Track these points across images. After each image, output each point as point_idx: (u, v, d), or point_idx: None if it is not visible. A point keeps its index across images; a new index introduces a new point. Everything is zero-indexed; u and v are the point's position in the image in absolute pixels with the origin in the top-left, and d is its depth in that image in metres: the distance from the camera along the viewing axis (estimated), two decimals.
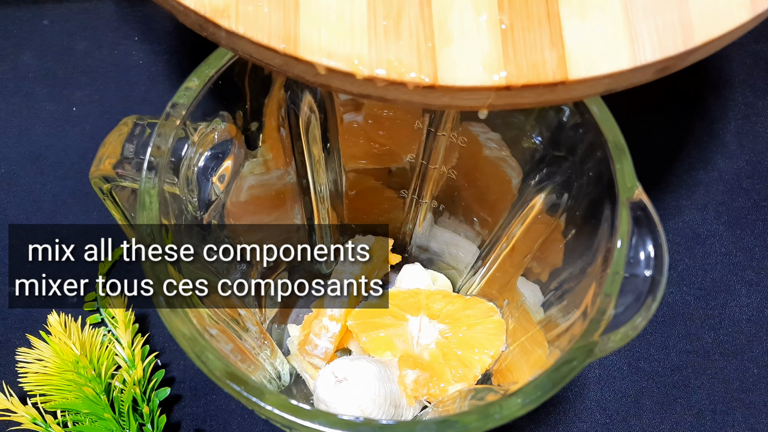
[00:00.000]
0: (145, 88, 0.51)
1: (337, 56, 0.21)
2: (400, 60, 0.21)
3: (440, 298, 0.39)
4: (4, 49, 0.53)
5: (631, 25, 0.22)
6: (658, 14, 0.22)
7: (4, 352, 0.42)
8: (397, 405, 0.34)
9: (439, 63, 0.21)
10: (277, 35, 0.21)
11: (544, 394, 0.23)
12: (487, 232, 0.39)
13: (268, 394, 0.23)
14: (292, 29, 0.21)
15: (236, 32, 0.21)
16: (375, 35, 0.21)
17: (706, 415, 0.41)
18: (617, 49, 0.21)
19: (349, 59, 0.21)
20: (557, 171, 0.32)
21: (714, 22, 0.22)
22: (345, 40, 0.21)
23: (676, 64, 0.23)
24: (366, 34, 0.21)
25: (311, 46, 0.21)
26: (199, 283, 0.30)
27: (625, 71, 0.22)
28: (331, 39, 0.21)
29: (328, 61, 0.21)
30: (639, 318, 0.24)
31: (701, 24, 0.22)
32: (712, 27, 0.22)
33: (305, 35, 0.21)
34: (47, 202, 0.47)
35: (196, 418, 0.40)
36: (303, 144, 0.36)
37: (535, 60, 0.21)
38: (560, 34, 0.21)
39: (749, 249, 0.46)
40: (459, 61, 0.21)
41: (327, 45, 0.21)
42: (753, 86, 0.53)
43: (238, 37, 0.22)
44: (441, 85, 0.21)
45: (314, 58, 0.21)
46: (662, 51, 0.22)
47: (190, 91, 0.28)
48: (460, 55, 0.21)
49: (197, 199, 0.30)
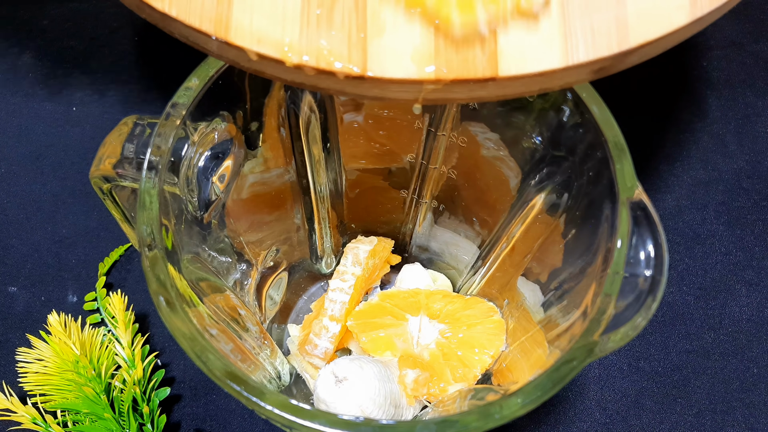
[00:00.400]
0: (145, 88, 0.51)
1: (267, 42, 0.21)
2: (330, 49, 0.21)
3: (440, 297, 0.39)
4: (4, 49, 0.53)
5: (566, 23, 0.21)
6: (594, 12, 0.21)
7: (4, 352, 0.42)
8: (397, 405, 0.34)
9: (369, 53, 0.21)
10: (209, 19, 0.21)
11: (544, 394, 0.23)
12: (487, 232, 0.39)
13: (268, 394, 0.23)
14: (224, 13, 0.21)
15: (169, 14, 0.21)
16: (307, 23, 0.21)
17: (706, 415, 0.41)
18: (549, 47, 0.21)
19: (279, 46, 0.21)
20: (557, 171, 0.32)
21: (651, 23, 0.21)
22: (276, 27, 0.21)
23: (613, 65, 0.22)
24: (298, 21, 0.21)
25: (243, 31, 0.21)
26: (199, 283, 0.30)
27: (557, 70, 0.21)
28: (263, 25, 0.21)
29: (258, 47, 0.21)
30: (639, 318, 0.24)
31: (638, 25, 0.21)
32: (649, 29, 0.21)
33: (237, 20, 0.21)
34: (47, 202, 0.47)
35: (196, 418, 0.40)
36: (303, 144, 0.36)
37: (466, 55, 0.21)
38: (494, 30, 0.21)
39: (749, 249, 0.46)
40: (389, 52, 0.21)
41: (258, 30, 0.21)
42: (753, 86, 0.53)
43: (172, 20, 0.21)
44: (370, 76, 0.21)
45: (245, 44, 0.21)
46: (596, 51, 0.21)
47: (190, 91, 0.28)
48: (390, 46, 0.21)
49: (197, 199, 0.30)
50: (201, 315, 0.27)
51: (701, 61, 0.54)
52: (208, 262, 0.33)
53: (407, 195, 0.41)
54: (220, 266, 0.36)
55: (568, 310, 0.29)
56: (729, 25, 0.55)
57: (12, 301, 0.44)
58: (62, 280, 0.44)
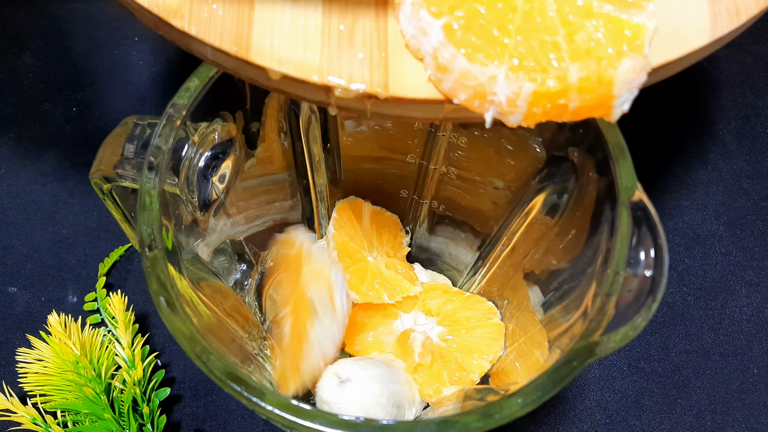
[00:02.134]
0: (145, 88, 0.52)
1: (287, 63, 0.21)
2: (351, 70, 0.21)
3: (440, 293, 0.39)
4: (4, 49, 0.53)
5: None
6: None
7: (4, 352, 0.42)
8: (400, 405, 0.34)
9: (390, 74, 0.21)
10: (229, 38, 0.21)
11: (544, 395, 0.23)
12: (487, 232, 0.39)
13: (269, 394, 0.23)
14: (245, 33, 0.21)
15: (188, 33, 0.21)
16: (328, 43, 0.21)
17: (706, 415, 0.41)
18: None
19: (300, 66, 0.21)
20: (557, 171, 0.32)
21: (671, 45, 0.22)
22: (297, 47, 0.21)
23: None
24: (319, 42, 0.21)
25: (263, 50, 0.21)
26: (200, 283, 0.30)
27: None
28: (283, 45, 0.21)
29: (279, 67, 0.21)
30: (639, 318, 0.24)
31: (658, 47, 0.22)
32: (669, 50, 0.22)
33: (258, 39, 0.21)
34: (47, 202, 0.47)
35: (196, 418, 0.40)
36: (303, 144, 0.36)
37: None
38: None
39: (749, 249, 0.46)
40: (411, 72, 0.21)
41: (279, 50, 0.21)
42: (753, 86, 0.53)
43: (191, 38, 0.21)
44: (392, 96, 0.21)
45: (265, 63, 0.21)
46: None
47: (191, 91, 0.28)
48: (412, 66, 0.21)
49: (197, 199, 0.30)
50: (201, 315, 0.27)
51: (701, 62, 0.54)
52: (208, 263, 0.33)
53: (407, 195, 0.41)
54: (220, 266, 0.36)
55: (568, 310, 0.29)
56: None
57: (12, 302, 0.44)
58: (62, 281, 0.44)
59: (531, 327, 0.34)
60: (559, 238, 0.32)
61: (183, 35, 0.22)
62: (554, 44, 0.20)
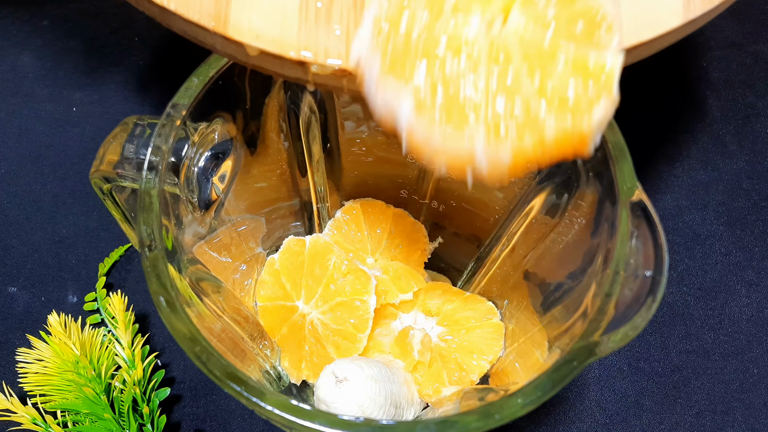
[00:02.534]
0: (145, 88, 0.51)
1: (265, 39, 0.21)
2: (327, 46, 0.21)
3: (439, 293, 0.39)
4: (4, 49, 0.53)
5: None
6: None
7: (4, 352, 0.42)
8: (398, 405, 0.34)
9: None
10: (207, 14, 0.21)
11: (544, 395, 0.23)
12: (486, 232, 0.39)
13: (269, 394, 0.23)
14: (223, 9, 0.21)
15: (168, 8, 0.21)
16: (306, 20, 0.21)
17: (706, 415, 0.41)
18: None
19: (277, 42, 0.21)
20: (557, 171, 0.32)
21: (644, 26, 0.22)
22: (275, 23, 0.21)
23: None
24: (297, 19, 0.21)
25: (241, 27, 0.21)
26: (200, 283, 0.30)
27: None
28: (261, 21, 0.21)
29: (256, 42, 0.21)
30: (639, 318, 0.24)
31: (632, 27, 0.22)
32: (642, 31, 0.22)
33: (236, 16, 0.21)
34: (47, 202, 0.47)
35: (196, 418, 0.40)
36: (303, 144, 0.36)
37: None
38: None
39: (749, 249, 0.46)
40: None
41: (257, 27, 0.21)
42: (753, 86, 0.53)
43: (170, 14, 0.21)
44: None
45: (243, 39, 0.21)
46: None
47: (190, 91, 0.28)
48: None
49: (197, 200, 0.30)
50: (201, 315, 0.27)
51: (701, 62, 0.54)
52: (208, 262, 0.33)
53: (407, 195, 0.41)
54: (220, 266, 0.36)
55: (568, 310, 0.29)
56: (729, 25, 0.55)
57: (12, 302, 0.44)
58: (62, 281, 0.44)
59: (531, 327, 0.34)
60: (559, 238, 0.32)
61: (163, 11, 0.22)
62: (525, 102, 0.20)
